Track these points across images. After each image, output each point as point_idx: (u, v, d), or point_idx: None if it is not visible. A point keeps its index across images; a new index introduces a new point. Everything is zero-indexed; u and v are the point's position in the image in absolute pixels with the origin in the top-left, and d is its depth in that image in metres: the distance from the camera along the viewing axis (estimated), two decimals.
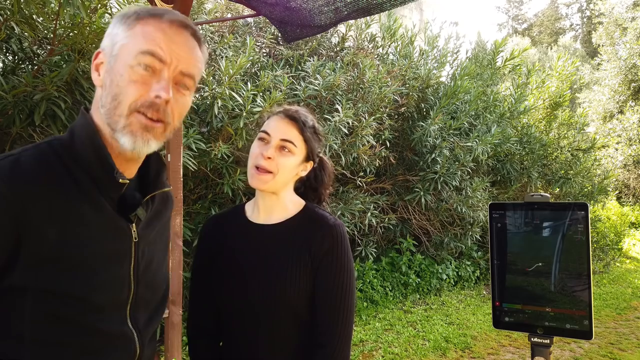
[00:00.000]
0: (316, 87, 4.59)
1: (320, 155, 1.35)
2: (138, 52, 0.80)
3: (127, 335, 0.85)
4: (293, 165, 1.23)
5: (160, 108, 0.81)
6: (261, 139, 1.23)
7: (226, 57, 4.26)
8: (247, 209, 1.33)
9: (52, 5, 2.96)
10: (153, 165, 0.96)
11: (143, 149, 0.82)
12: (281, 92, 4.06)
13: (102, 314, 0.81)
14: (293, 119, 1.23)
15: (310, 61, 4.97)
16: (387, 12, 5.55)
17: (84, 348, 0.80)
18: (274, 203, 1.27)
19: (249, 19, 5.42)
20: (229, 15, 5.09)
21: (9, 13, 2.70)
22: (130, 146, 0.81)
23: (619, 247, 8.92)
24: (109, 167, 0.82)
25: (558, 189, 7.35)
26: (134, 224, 0.87)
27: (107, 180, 0.83)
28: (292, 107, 1.29)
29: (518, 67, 7.44)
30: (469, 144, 5.81)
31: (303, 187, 1.36)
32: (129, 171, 0.90)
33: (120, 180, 0.83)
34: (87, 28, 2.85)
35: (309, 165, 1.30)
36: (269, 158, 1.18)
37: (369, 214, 5.06)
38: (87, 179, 0.81)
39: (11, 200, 0.73)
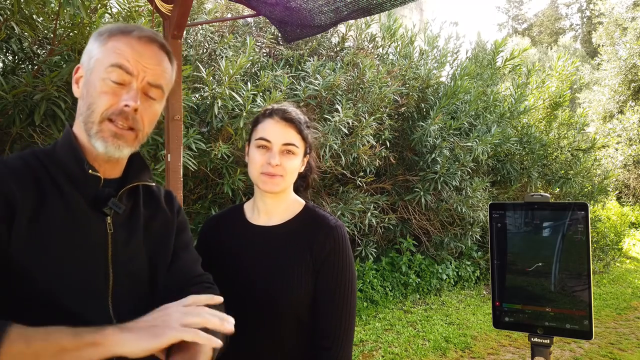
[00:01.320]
0: (316, 87, 4.59)
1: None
2: (108, 65, 0.90)
3: (106, 323, 0.86)
4: (298, 165, 1.25)
5: (130, 116, 0.91)
6: (262, 146, 1.22)
7: (226, 57, 4.26)
8: (246, 210, 1.32)
9: (52, 5, 2.96)
10: (134, 166, 1.04)
11: (115, 153, 0.92)
12: (281, 92, 4.06)
13: (77, 299, 0.85)
14: (289, 120, 1.23)
15: (310, 61, 4.97)
16: (387, 12, 5.55)
17: None
18: (275, 204, 1.26)
19: (249, 19, 5.42)
20: (229, 15, 5.09)
21: (9, 13, 2.70)
22: (103, 150, 0.91)
23: (619, 247, 8.91)
24: (80, 160, 0.92)
25: (558, 189, 7.34)
26: (109, 217, 0.94)
27: (80, 174, 0.92)
28: (281, 106, 1.28)
29: (518, 67, 7.43)
30: (469, 144, 5.81)
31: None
32: (111, 172, 0.98)
33: (90, 172, 0.92)
34: (87, 28, 2.85)
35: (306, 159, 1.31)
36: (277, 165, 1.19)
37: (369, 214, 5.06)
38: (64, 179, 0.91)
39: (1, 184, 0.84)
